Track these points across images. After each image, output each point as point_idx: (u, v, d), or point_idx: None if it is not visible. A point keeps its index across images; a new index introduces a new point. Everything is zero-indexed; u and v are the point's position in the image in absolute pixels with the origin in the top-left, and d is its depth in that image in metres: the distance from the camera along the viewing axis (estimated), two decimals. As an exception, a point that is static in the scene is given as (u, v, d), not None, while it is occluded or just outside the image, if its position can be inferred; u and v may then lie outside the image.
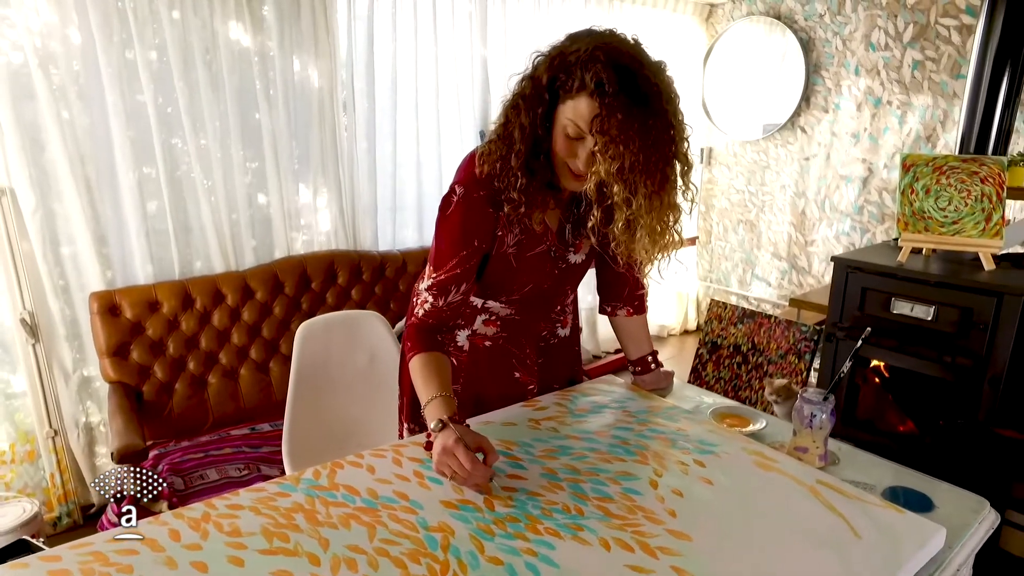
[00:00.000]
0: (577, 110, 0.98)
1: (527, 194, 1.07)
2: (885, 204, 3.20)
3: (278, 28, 2.33)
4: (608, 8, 3.35)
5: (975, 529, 0.99)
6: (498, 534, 0.88)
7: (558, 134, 1.02)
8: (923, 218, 2.02)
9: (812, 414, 1.10)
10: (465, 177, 1.12)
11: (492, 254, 1.16)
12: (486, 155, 1.09)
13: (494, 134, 1.09)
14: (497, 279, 1.20)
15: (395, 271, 2.73)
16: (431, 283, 1.14)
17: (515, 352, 1.31)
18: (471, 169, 1.12)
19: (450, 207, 1.12)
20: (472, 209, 1.11)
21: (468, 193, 1.10)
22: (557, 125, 1.02)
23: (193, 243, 2.32)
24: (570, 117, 0.99)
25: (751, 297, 3.93)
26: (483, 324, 1.28)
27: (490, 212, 1.11)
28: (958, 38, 2.83)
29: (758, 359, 3.02)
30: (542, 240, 1.18)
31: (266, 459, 1.99)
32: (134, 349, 2.12)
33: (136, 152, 2.14)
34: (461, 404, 1.28)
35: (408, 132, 2.81)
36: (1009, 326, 1.83)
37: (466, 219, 1.11)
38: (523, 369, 1.32)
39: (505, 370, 1.31)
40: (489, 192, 1.10)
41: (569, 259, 1.23)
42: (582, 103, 0.97)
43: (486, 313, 1.27)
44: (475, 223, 1.11)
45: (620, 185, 0.97)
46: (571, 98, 0.98)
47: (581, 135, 0.99)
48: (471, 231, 1.12)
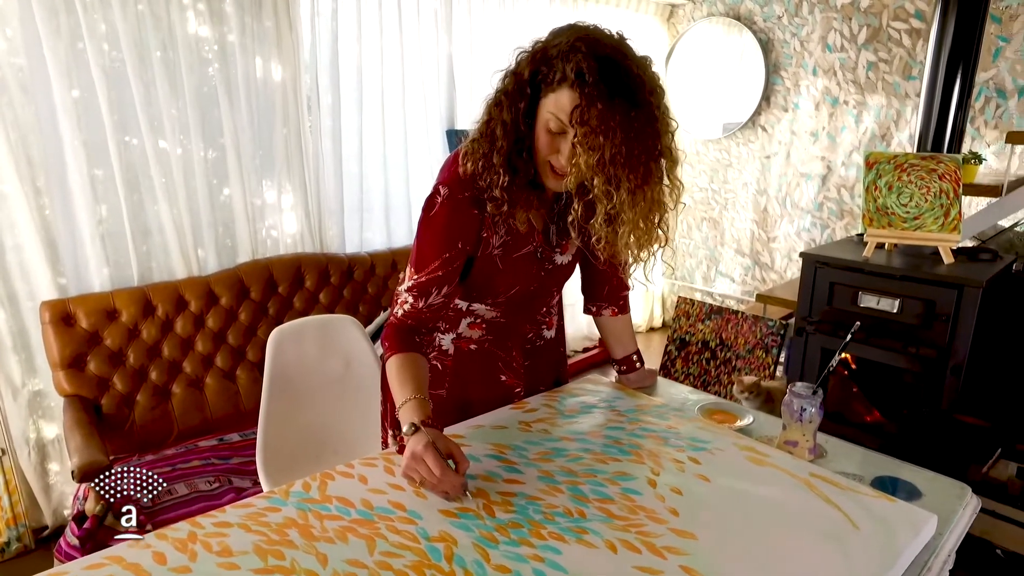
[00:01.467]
0: (559, 103, 0.96)
1: (510, 192, 1.05)
2: (843, 200, 3.30)
3: (238, 23, 2.25)
4: (572, 7, 3.36)
5: (960, 514, 1.02)
6: (502, 541, 0.85)
7: (540, 130, 1.00)
8: (886, 214, 2.09)
9: (802, 408, 1.11)
10: (449, 177, 1.09)
11: (477, 256, 1.14)
12: (469, 153, 1.07)
13: (477, 132, 1.07)
14: (483, 281, 1.18)
15: (364, 274, 2.67)
16: (411, 284, 1.11)
17: (501, 355, 1.28)
18: (455, 169, 1.09)
19: (434, 208, 1.08)
20: (456, 210, 1.08)
21: (452, 194, 1.07)
22: (539, 121, 1.00)
23: (153, 248, 2.21)
24: (551, 111, 0.97)
25: (715, 293, 4.00)
26: (468, 327, 1.25)
27: (475, 213, 1.09)
28: (908, 41, 2.94)
29: (726, 354, 3.07)
30: (528, 241, 1.16)
31: (237, 470, 1.91)
32: (91, 360, 2.02)
33: (88, 152, 2.03)
34: (447, 409, 1.25)
35: (374, 131, 2.76)
36: (969, 317, 1.90)
37: (450, 220, 1.08)
38: (509, 372, 1.30)
39: (491, 373, 1.29)
40: (473, 192, 1.07)
41: (555, 260, 1.22)
42: (563, 95, 0.95)
43: (471, 316, 1.24)
44: (459, 224, 1.09)
45: (600, 177, 0.95)
46: (552, 91, 0.97)
47: (563, 129, 0.97)
48: (455, 233, 1.09)
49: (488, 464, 1.05)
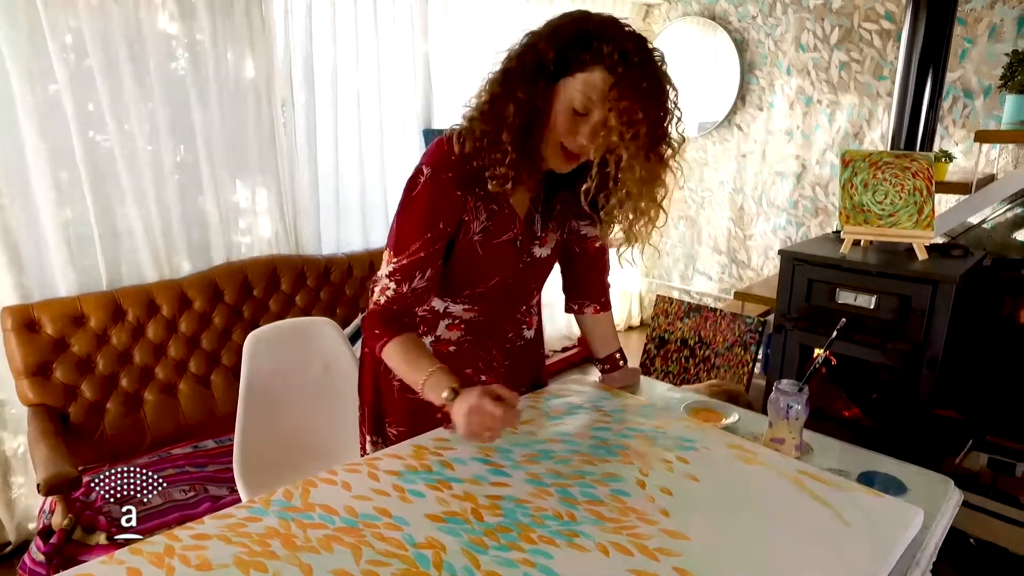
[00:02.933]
0: (590, 82, 0.97)
1: (516, 169, 1.04)
2: (818, 198, 3.34)
3: (209, 20, 2.19)
4: (549, 5, 3.35)
5: (945, 508, 1.03)
6: (491, 546, 0.83)
7: (561, 109, 1.00)
8: (862, 211, 2.11)
9: (788, 405, 1.11)
10: (434, 158, 1.07)
11: (457, 241, 1.12)
12: (467, 133, 1.05)
13: (476, 111, 1.05)
14: (461, 270, 1.16)
15: (341, 275, 2.63)
16: (392, 268, 1.08)
17: (481, 355, 1.27)
18: (441, 150, 1.08)
19: (416, 188, 1.07)
20: (439, 190, 1.07)
21: (436, 174, 1.06)
22: (560, 100, 1.00)
23: (122, 251, 2.14)
24: (580, 90, 0.98)
25: (693, 292, 4.03)
26: (447, 329, 1.23)
27: (457, 195, 1.07)
28: (879, 42, 2.99)
29: (705, 352, 3.09)
30: (509, 227, 1.14)
31: (213, 478, 1.86)
32: (57, 368, 1.95)
33: (52, 152, 1.95)
34: (429, 413, 1.22)
35: (350, 130, 2.71)
36: (943, 312, 1.94)
37: (433, 200, 1.07)
38: (490, 372, 1.28)
39: (471, 375, 1.27)
40: (458, 174, 1.07)
41: (534, 252, 1.20)
42: (596, 75, 0.96)
43: (448, 318, 1.22)
44: (442, 205, 1.07)
45: (630, 151, 0.98)
46: (582, 71, 0.97)
47: (589, 109, 0.98)
48: (438, 213, 1.07)
49: (474, 467, 1.02)
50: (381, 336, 1.08)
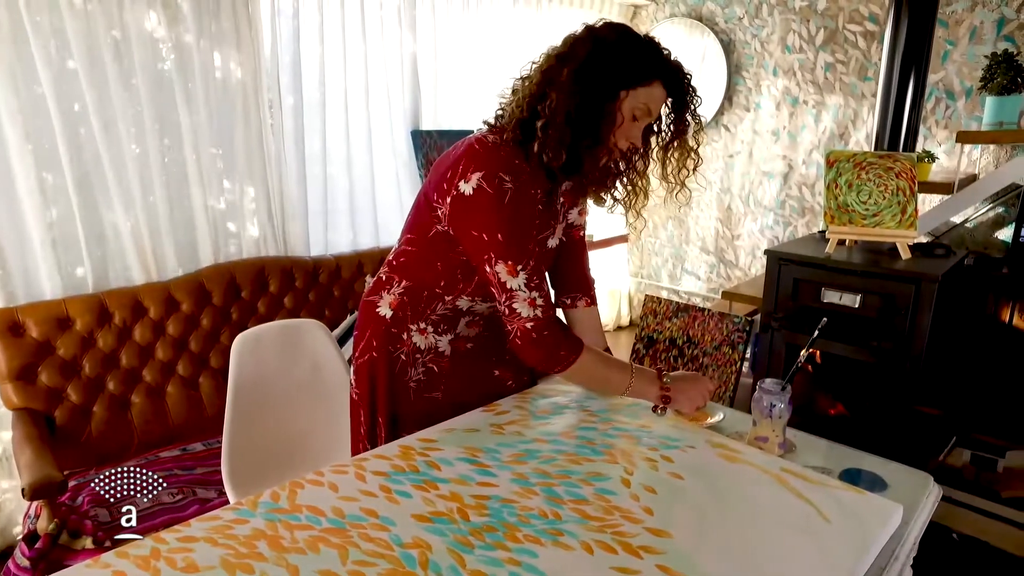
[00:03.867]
0: (652, 96, 1.10)
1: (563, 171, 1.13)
2: (805, 198, 3.37)
3: (196, 20, 2.18)
4: (536, 8, 3.35)
5: (924, 504, 1.04)
6: (477, 546, 0.84)
7: (626, 116, 1.10)
8: (847, 211, 2.14)
9: (771, 404, 1.13)
10: (504, 164, 1.09)
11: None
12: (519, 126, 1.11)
13: (545, 114, 1.09)
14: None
15: (329, 276, 2.62)
16: (527, 276, 1.09)
17: (496, 349, 1.31)
18: (502, 153, 1.10)
19: (506, 195, 1.08)
20: (527, 192, 1.11)
21: (517, 178, 1.09)
22: (624, 109, 1.09)
23: (108, 253, 2.13)
24: (644, 101, 1.09)
25: (681, 291, 4.05)
26: (466, 326, 1.27)
27: (534, 194, 1.13)
28: (863, 43, 3.02)
29: (693, 351, 3.11)
30: (551, 222, 1.22)
31: (201, 481, 1.86)
32: (42, 371, 1.93)
33: (36, 153, 1.94)
34: (443, 412, 1.24)
35: (338, 132, 2.71)
36: (926, 310, 1.96)
37: (524, 203, 1.11)
38: (503, 366, 1.33)
39: (486, 369, 1.32)
40: (531, 174, 1.12)
41: (548, 244, 1.24)
42: (658, 90, 1.10)
43: (470, 315, 1.26)
44: (530, 206, 1.13)
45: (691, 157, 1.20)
46: (644, 85, 1.09)
47: (646, 117, 1.12)
48: (533, 213, 1.14)
49: (461, 467, 1.03)
50: (571, 352, 1.13)
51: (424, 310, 1.23)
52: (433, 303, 1.23)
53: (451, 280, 1.20)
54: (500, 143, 1.11)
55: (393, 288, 1.24)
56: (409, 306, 1.22)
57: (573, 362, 1.12)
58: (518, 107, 1.11)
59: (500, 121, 1.16)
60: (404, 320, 1.23)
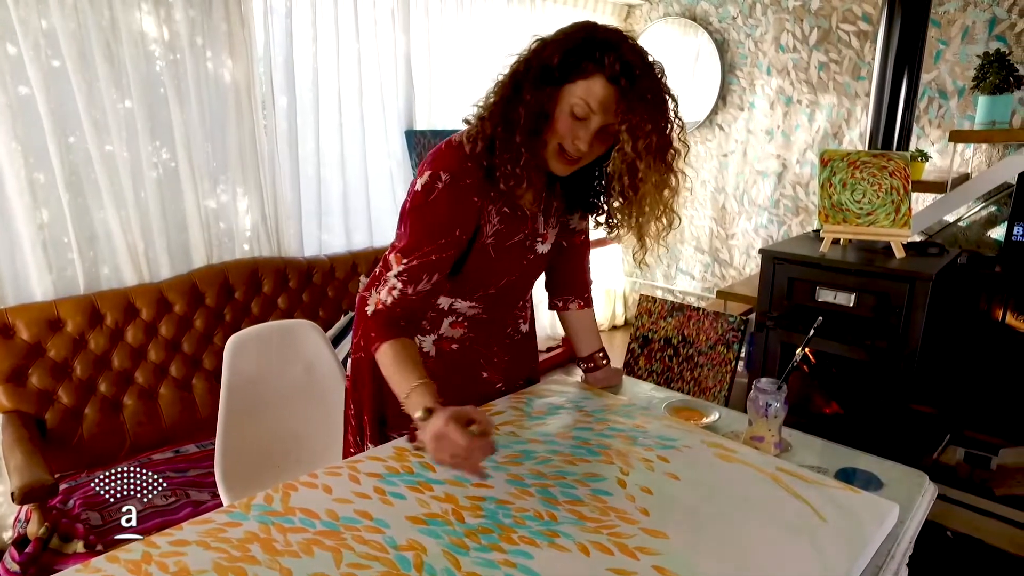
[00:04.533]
0: (590, 90, 1.00)
1: (528, 170, 1.06)
2: (799, 197, 3.38)
3: (187, 19, 2.16)
4: (530, 7, 3.35)
5: (919, 502, 1.04)
6: (472, 547, 0.84)
7: (562, 113, 1.03)
8: (841, 210, 2.14)
9: (767, 403, 1.13)
10: (451, 164, 1.07)
11: (473, 246, 1.14)
12: (477, 133, 1.07)
13: (485, 112, 1.07)
14: (476, 273, 1.17)
15: (323, 277, 2.61)
16: (402, 269, 1.08)
17: (483, 351, 1.28)
18: (456, 155, 1.08)
19: (433, 192, 1.07)
20: (459, 196, 1.08)
21: (455, 180, 1.07)
22: (561, 105, 1.02)
23: (100, 254, 2.11)
24: (581, 96, 1.01)
25: (676, 291, 4.05)
26: (450, 327, 1.24)
27: (475, 202, 1.09)
28: (857, 43, 3.03)
29: (688, 351, 3.11)
30: (520, 228, 1.17)
31: (194, 483, 1.84)
32: (33, 373, 1.91)
33: (26, 154, 1.92)
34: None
35: (331, 132, 2.70)
36: (920, 309, 1.97)
37: (452, 206, 1.07)
38: (491, 368, 1.31)
39: (474, 371, 1.29)
40: (476, 180, 1.08)
41: (537, 249, 1.22)
42: (597, 84, 1.00)
43: (453, 315, 1.23)
44: (459, 211, 1.09)
45: (643, 162, 1.03)
46: (583, 78, 1.00)
47: (588, 115, 1.02)
48: (454, 219, 1.08)
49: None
50: (377, 338, 1.07)
51: None
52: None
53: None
54: (464, 145, 1.09)
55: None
56: None
57: (376, 348, 1.07)
58: (482, 110, 1.09)
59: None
60: None
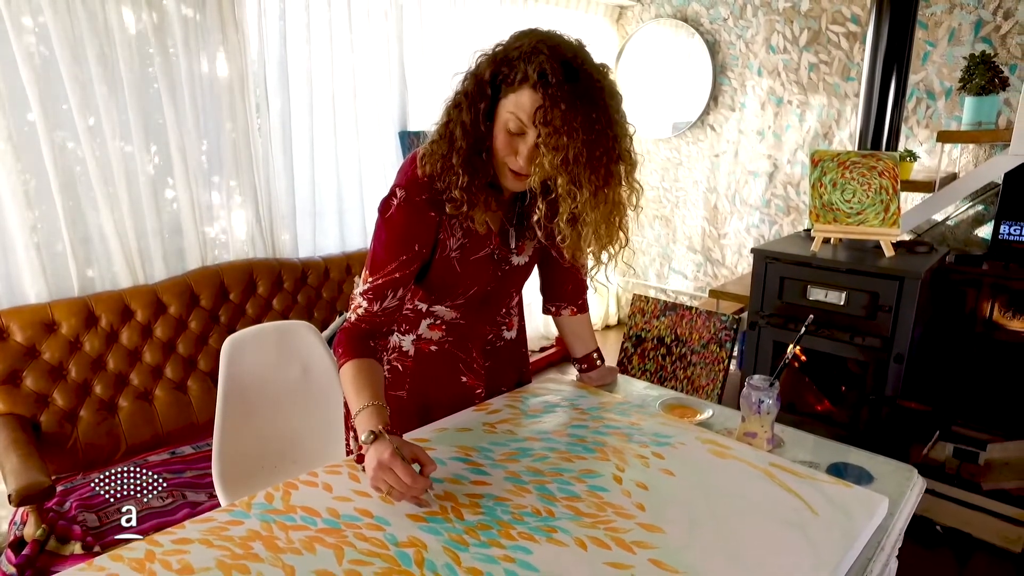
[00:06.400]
0: (519, 103, 0.97)
1: (469, 193, 1.04)
2: (790, 197, 3.41)
3: (181, 21, 2.17)
4: (523, 7, 3.37)
5: (908, 495, 1.06)
6: (472, 543, 0.85)
7: (499, 130, 1.01)
8: (831, 210, 2.17)
9: (760, 400, 1.14)
10: (406, 180, 1.08)
11: (435, 259, 1.14)
12: (427, 155, 1.06)
13: (436, 134, 1.07)
14: (440, 283, 1.18)
15: (318, 278, 2.62)
16: (367, 288, 1.10)
17: (461, 356, 1.28)
18: (412, 172, 1.09)
19: (390, 210, 1.08)
20: (413, 213, 1.07)
21: (409, 196, 1.07)
22: (498, 121, 1.01)
23: (94, 256, 2.11)
24: (511, 110, 0.98)
25: (669, 290, 4.08)
26: (428, 328, 1.24)
27: (432, 216, 1.08)
28: (846, 44, 3.06)
29: (681, 350, 3.13)
30: (485, 243, 1.16)
31: (191, 484, 1.85)
32: (27, 376, 1.91)
33: (17, 156, 1.92)
34: (407, 411, 1.24)
35: (325, 133, 2.70)
36: (909, 307, 2.00)
37: (407, 223, 1.08)
38: (470, 373, 1.30)
39: (452, 374, 1.29)
40: (430, 195, 1.07)
41: (512, 261, 1.22)
42: (524, 96, 0.96)
43: (431, 317, 1.24)
44: (416, 227, 1.08)
45: (564, 177, 0.96)
46: (513, 91, 0.97)
47: (523, 129, 0.98)
48: (411, 235, 1.08)
49: (454, 467, 1.04)
50: (342, 356, 1.07)
51: None
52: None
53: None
54: (423, 161, 1.08)
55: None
56: None
57: (342, 365, 1.07)
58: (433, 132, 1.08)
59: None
60: None
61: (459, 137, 1.02)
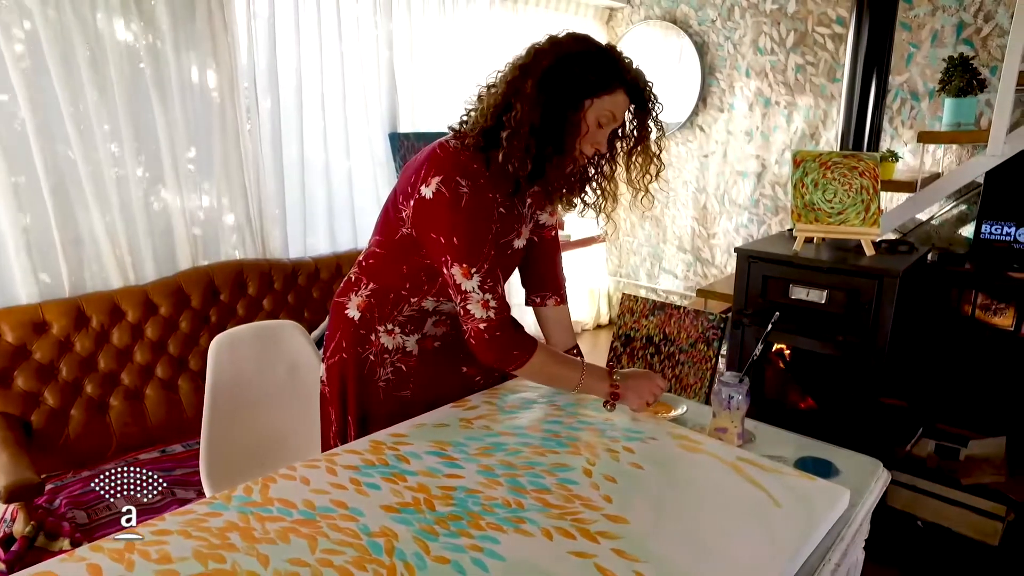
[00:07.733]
0: (616, 102, 1.13)
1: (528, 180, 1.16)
2: (778, 197, 3.44)
3: (170, 25, 2.19)
4: (513, 10, 3.39)
5: (872, 488, 1.09)
6: (441, 533, 0.88)
7: (590, 123, 1.13)
8: (813, 209, 2.20)
9: (730, 396, 1.18)
10: (462, 169, 1.12)
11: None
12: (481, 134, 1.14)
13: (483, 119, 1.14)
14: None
15: (308, 278, 2.64)
16: (481, 278, 1.12)
17: (464, 346, 1.32)
18: (461, 158, 1.13)
19: (463, 199, 1.11)
20: (483, 196, 1.14)
21: (473, 183, 1.12)
22: (588, 116, 1.12)
23: (85, 257, 2.13)
24: (609, 108, 1.13)
25: (659, 289, 4.11)
26: (433, 326, 1.30)
27: (490, 198, 1.16)
28: (832, 45, 3.09)
29: (670, 348, 3.16)
30: (514, 226, 1.24)
31: (181, 482, 1.87)
32: (18, 376, 1.94)
33: (8, 158, 1.94)
34: (413, 410, 1.28)
35: (315, 135, 2.73)
36: (888, 305, 2.03)
37: (480, 206, 1.13)
38: (470, 362, 1.36)
39: (454, 366, 1.35)
40: (488, 180, 1.14)
41: (514, 244, 1.27)
42: (620, 97, 1.14)
43: (437, 315, 1.29)
44: (486, 209, 1.15)
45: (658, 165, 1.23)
46: (608, 93, 1.12)
47: (610, 123, 1.15)
48: (489, 216, 1.16)
49: (429, 461, 1.07)
50: (523, 354, 1.14)
51: (391, 312, 1.26)
52: (399, 305, 1.26)
53: (416, 282, 1.23)
54: (461, 148, 1.15)
55: (361, 290, 1.27)
56: (376, 308, 1.26)
57: (525, 361, 1.15)
58: (482, 115, 1.14)
59: (464, 127, 1.19)
60: (372, 322, 1.26)
61: (529, 132, 1.10)
